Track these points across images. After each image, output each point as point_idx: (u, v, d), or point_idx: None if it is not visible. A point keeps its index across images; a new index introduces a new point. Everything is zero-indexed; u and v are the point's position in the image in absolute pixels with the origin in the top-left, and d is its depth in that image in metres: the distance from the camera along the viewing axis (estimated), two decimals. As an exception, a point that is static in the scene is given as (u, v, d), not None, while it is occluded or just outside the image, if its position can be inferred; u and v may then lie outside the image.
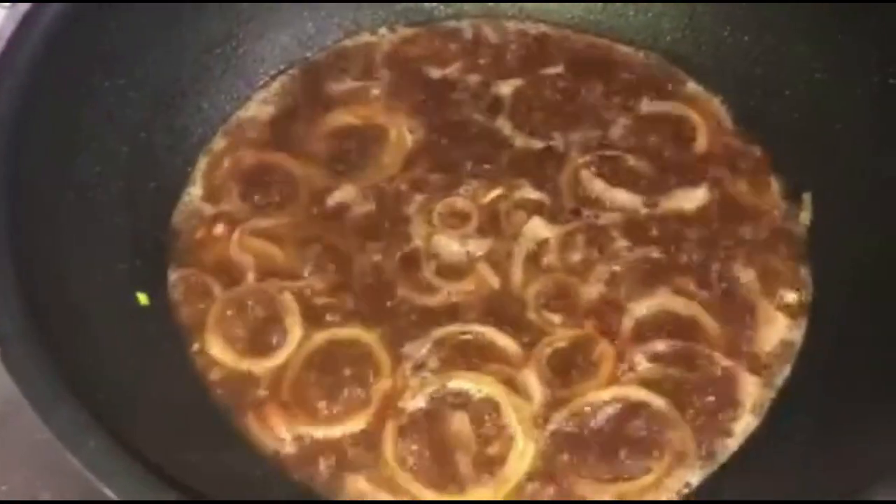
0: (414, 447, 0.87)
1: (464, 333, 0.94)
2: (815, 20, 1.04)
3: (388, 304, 0.97)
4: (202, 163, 1.08)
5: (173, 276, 0.99)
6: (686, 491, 0.87)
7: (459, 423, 0.89)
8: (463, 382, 0.91)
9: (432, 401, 0.90)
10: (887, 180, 0.96)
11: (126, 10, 1.00)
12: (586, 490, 0.86)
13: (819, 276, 0.99)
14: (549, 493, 0.87)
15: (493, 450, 0.88)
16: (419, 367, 0.92)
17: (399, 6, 1.21)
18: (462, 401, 0.90)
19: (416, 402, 0.90)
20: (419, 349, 0.93)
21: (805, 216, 1.03)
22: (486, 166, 1.07)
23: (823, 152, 1.03)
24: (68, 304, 0.83)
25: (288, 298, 0.96)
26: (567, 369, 0.93)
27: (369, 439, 0.89)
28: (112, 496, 0.66)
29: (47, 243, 0.85)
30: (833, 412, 0.86)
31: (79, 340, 0.80)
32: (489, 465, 0.87)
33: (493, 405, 0.90)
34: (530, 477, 0.87)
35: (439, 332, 0.94)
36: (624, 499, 0.86)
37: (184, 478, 0.69)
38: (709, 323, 0.96)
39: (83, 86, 0.96)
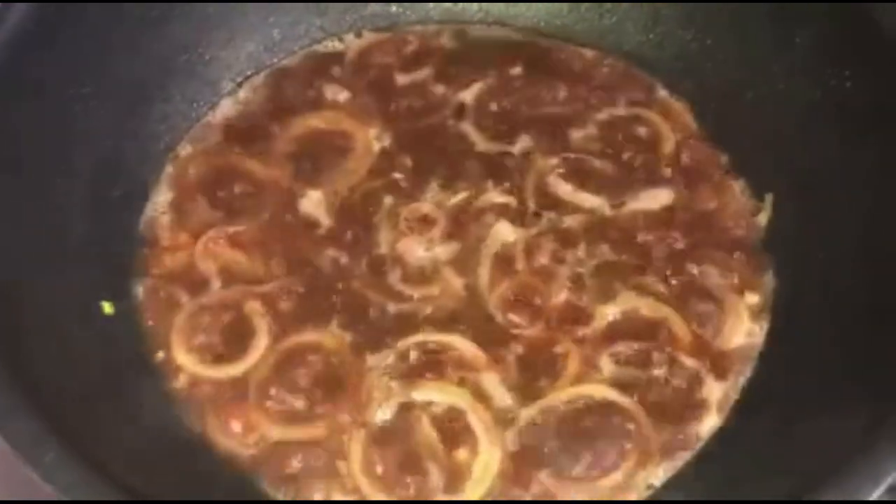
0: (381, 458, 0.88)
1: (429, 342, 0.94)
2: (774, 24, 1.05)
3: (355, 311, 0.97)
4: (168, 169, 1.08)
5: (139, 284, 0.99)
6: (649, 493, 0.88)
7: (426, 432, 0.89)
8: (428, 392, 0.91)
9: (399, 411, 0.90)
10: (848, 182, 0.97)
11: (90, 15, 0.99)
12: (555, 490, 0.87)
13: (781, 278, 1.00)
14: (518, 493, 0.87)
15: (461, 456, 0.88)
16: (385, 376, 0.93)
17: (366, 11, 1.20)
18: (428, 410, 0.90)
19: (382, 414, 0.90)
20: (385, 359, 0.94)
21: (763, 217, 1.04)
22: (452, 171, 1.07)
23: (785, 154, 1.03)
24: (30, 312, 0.83)
25: (254, 305, 0.96)
26: (533, 372, 0.93)
27: (335, 449, 0.89)
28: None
29: (9, 251, 0.85)
30: (794, 412, 0.87)
31: (40, 349, 0.80)
32: (458, 473, 0.87)
33: (458, 413, 0.90)
34: (500, 478, 0.88)
35: (405, 342, 0.94)
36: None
37: (146, 488, 0.69)
38: (675, 324, 0.97)
39: (46, 93, 0.96)
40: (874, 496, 0.69)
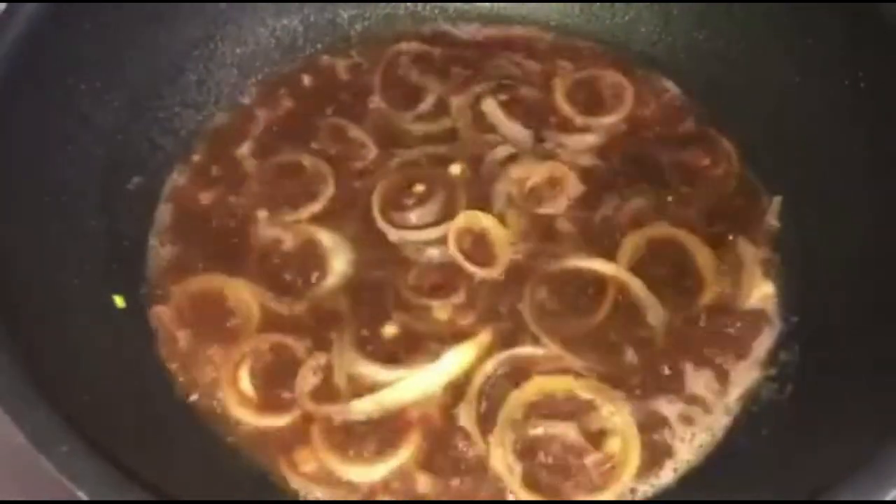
0: None
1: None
2: (787, 24, 1.05)
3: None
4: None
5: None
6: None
7: None
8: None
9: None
10: (860, 182, 0.97)
11: (101, 11, 0.99)
12: None
13: (790, 276, 0.99)
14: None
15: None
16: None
17: (380, 13, 1.22)
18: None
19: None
20: None
21: (771, 217, 1.03)
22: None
23: (797, 153, 1.04)
24: (42, 306, 0.83)
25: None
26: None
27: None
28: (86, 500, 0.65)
29: (20, 245, 0.84)
30: (809, 412, 0.87)
31: (53, 343, 0.79)
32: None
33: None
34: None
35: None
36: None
37: (160, 481, 0.69)
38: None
39: (58, 88, 0.96)
40: (890, 496, 0.68)
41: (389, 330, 0.95)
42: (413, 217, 1.03)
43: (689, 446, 0.89)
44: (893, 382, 0.80)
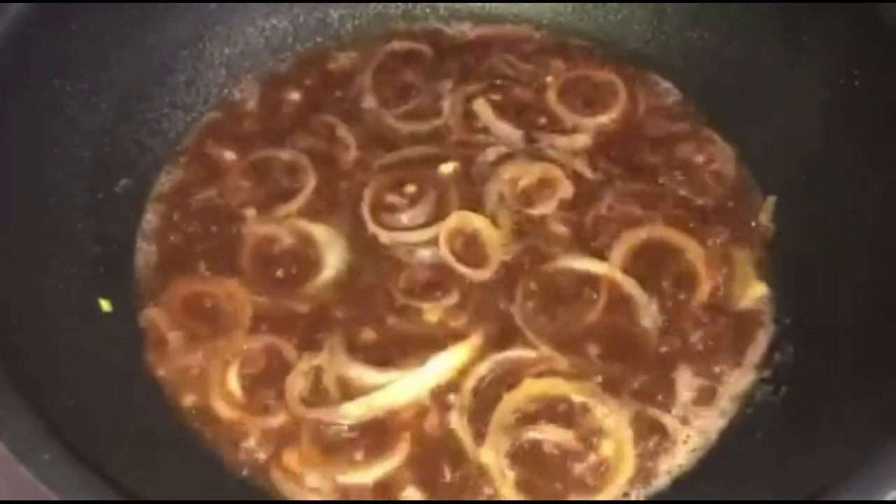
0: None
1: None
2: (781, 23, 1.04)
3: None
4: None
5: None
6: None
7: None
8: None
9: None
10: (853, 181, 0.96)
11: (88, 11, 0.98)
12: None
13: (780, 278, 0.98)
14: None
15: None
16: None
17: (370, 12, 1.21)
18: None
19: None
20: None
21: (765, 218, 1.03)
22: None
23: (793, 153, 1.03)
24: (27, 310, 0.82)
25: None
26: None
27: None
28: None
29: (5, 247, 0.84)
30: (807, 412, 0.86)
31: (37, 347, 0.78)
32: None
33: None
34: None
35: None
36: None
37: (143, 488, 0.68)
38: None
39: (44, 90, 0.95)
40: (890, 497, 0.67)
41: (380, 332, 0.94)
42: (404, 218, 1.02)
43: (682, 450, 0.88)
44: (889, 382, 0.79)
